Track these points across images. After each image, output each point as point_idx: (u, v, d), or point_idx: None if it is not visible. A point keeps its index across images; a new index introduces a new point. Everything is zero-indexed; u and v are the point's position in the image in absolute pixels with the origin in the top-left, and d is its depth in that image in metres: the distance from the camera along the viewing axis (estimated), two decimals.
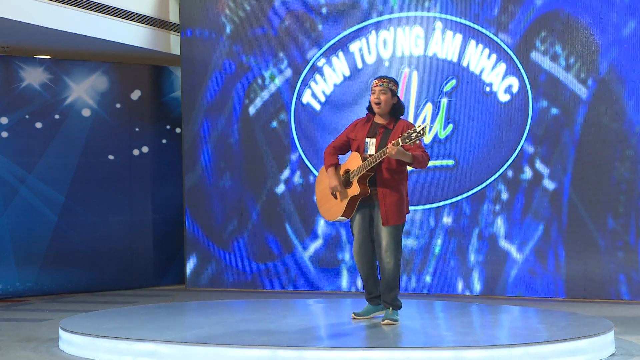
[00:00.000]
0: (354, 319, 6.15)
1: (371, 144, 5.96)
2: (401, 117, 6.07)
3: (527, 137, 8.35)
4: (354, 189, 5.91)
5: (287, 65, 9.26)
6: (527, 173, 8.37)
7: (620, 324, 6.56)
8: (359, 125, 6.11)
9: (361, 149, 5.99)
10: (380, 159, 5.77)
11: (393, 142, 5.65)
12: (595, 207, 8.13)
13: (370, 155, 5.89)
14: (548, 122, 8.30)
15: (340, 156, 6.17)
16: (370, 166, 5.82)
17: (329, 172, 6.07)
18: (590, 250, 8.15)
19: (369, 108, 6.09)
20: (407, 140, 5.59)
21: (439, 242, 8.68)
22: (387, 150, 5.64)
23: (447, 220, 8.64)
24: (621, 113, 8.05)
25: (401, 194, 5.92)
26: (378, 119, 6.03)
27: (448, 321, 6.34)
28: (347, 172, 6.01)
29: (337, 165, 6.08)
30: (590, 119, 8.16)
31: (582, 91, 8.17)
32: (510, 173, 8.41)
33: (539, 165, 8.33)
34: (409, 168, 5.99)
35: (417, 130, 5.55)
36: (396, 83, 6.07)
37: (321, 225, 9.09)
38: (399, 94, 6.09)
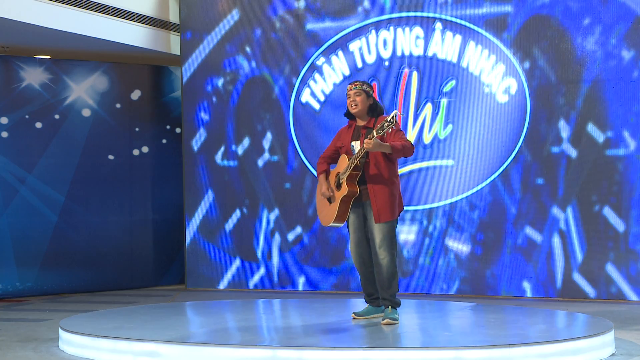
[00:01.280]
0: (354, 319, 6.15)
1: (356, 146, 6.03)
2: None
3: (525, 137, 8.36)
4: (343, 190, 5.96)
5: (286, 64, 9.26)
6: (525, 173, 8.37)
7: (620, 324, 6.56)
8: (343, 132, 6.21)
9: (349, 154, 6.06)
10: (362, 155, 5.83)
11: (369, 135, 5.71)
12: (591, 206, 8.14)
13: None
14: (545, 122, 8.30)
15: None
16: (354, 164, 5.88)
17: (319, 179, 6.18)
18: (588, 250, 8.15)
19: (347, 114, 6.17)
20: (380, 131, 5.65)
21: (437, 242, 8.68)
22: (365, 145, 5.69)
23: (445, 220, 8.64)
24: (616, 114, 8.05)
25: (392, 190, 5.95)
26: (359, 122, 6.11)
27: (447, 321, 6.34)
28: (337, 175, 6.08)
29: (327, 172, 6.19)
30: (586, 119, 8.16)
31: (579, 91, 8.17)
32: (508, 173, 8.42)
33: (536, 165, 8.33)
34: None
35: (388, 120, 5.61)
36: (370, 86, 6.15)
37: (321, 226, 9.08)
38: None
